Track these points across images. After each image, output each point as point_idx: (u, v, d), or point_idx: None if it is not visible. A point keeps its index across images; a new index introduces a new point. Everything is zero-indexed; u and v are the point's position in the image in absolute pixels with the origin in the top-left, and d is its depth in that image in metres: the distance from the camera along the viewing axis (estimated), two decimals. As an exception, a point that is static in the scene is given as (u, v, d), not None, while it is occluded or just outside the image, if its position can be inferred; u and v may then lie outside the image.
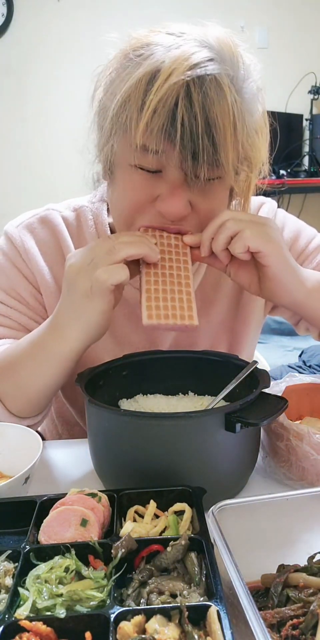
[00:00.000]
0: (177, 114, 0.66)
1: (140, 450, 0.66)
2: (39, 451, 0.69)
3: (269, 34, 4.03)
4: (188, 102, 0.66)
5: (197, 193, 0.75)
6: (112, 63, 0.76)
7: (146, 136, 0.69)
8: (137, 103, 0.68)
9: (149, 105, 0.67)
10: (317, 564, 0.53)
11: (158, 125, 0.67)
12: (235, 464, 0.69)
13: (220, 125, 0.68)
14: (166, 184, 0.74)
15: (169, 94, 0.66)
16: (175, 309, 0.72)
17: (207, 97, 0.67)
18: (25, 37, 3.63)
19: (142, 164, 0.73)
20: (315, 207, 4.14)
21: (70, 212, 0.95)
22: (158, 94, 0.66)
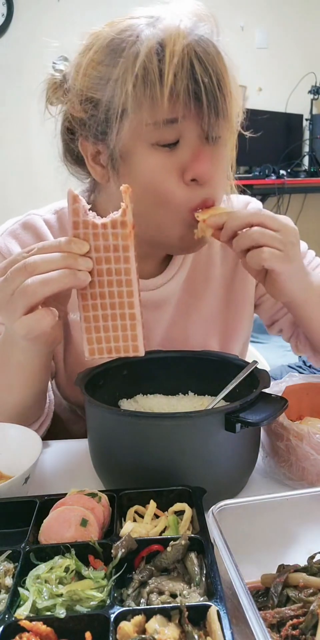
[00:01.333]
0: (195, 73, 0.69)
1: (140, 450, 0.66)
2: (39, 451, 0.69)
3: (269, 34, 4.03)
4: (200, 62, 0.70)
5: (212, 154, 0.76)
6: (89, 59, 0.75)
7: (173, 103, 0.70)
8: (156, 73, 0.69)
9: (169, 72, 0.68)
10: (317, 564, 0.53)
11: (183, 88, 0.69)
12: (235, 464, 0.69)
13: (225, 78, 0.72)
14: (187, 151, 0.74)
15: (183, 57, 0.69)
16: (118, 339, 0.66)
17: (209, 55, 0.71)
18: (25, 37, 3.63)
19: (162, 138, 0.73)
20: (315, 207, 4.14)
21: (52, 215, 0.94)
22: (173, 59, 0.68)
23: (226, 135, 0.78)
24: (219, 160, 0.78)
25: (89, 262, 0.63)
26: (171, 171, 0.75)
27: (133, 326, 0.65)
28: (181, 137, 0.74)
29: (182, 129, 0.73)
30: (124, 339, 0.66)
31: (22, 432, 0.74)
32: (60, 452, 0.86)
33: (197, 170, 0.74)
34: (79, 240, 0.63)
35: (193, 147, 0.75)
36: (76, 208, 0.63)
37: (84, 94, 0.76)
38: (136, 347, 0.66)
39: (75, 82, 0.77)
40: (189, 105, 0.71)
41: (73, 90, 0.78)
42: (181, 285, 0.97)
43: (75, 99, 0.78)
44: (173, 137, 0.74)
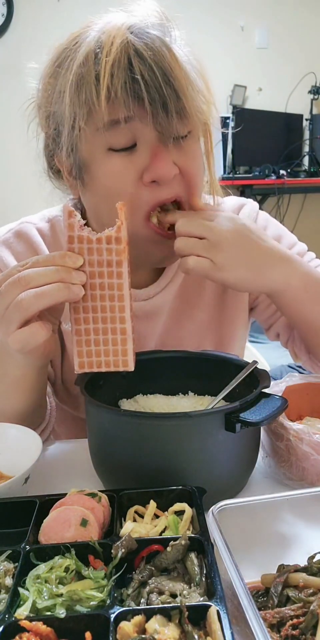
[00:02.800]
0: (134, 69, 0.67)
1: (140, 450, 0.66)
2: (39, 451, 0.69)
3: (269, 34, 4.03)
4: (140, 58, 0.67)
5: (175, 153, 0.74)
6: (45, 74, 0.76)
7: (112, 104, 0.68)
8: (91, 76, 0.68)
9: (105, 72, 0.66)
10: (317, 564, 0.53)
11: (120, 85, 0.67)
12: (235, 464, 0.69)
13: (176, 74, 0.69)
14: (145, 153, 0.73)
15: (120, 56, 0.67)
16: (109, 354, 0.66)
17: (154, 51, 0.68)
18: (25, 37, 3.63)
19: (116, 142, 0.72)
20: (315, 207, 4.14)
21: (45, 224, 0.94)
22: (109, 59, 0.66)
23: (195, 132, 0.76)
24: (188, 157, 0.76)
25: (83, 276, 0.64)
26: (129, 174, 0.73)
27: (124, 341, 0.66)
28: (137, 140, 0.72)
29: (134, 131, 0.71)
30: (114, 353, 0.66)
31: (22, 432, 0.74)
32: (60, 452, 0.86)
33: (155, 172, 0.72)
34: (73, 254, 0.64)
35: (151, 148, 0.73)
36: (71, 223, 0.63)
37: (45, 110, 0.76)
38: (126, 362, 0.66)
39: (42, 100, 0.77)
40: (130, 105, 0.68)
41: (41, 106, 0.78)
42: (174, 294, 0.95)
43: (42, 115, 0.78)
44: (126, 140, 0.72)
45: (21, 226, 0.93)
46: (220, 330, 1.00)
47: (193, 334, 0.98)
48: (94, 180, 0.76)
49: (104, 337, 0.66)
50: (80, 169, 0.76)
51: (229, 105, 3.89)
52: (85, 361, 0.66)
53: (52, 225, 0.94)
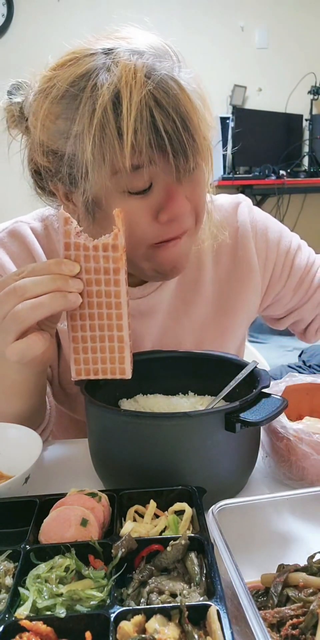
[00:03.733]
0: (157, 122, 0.66)
1: (140, 450, 0.66)
2: (39, 451, 0.69)
3: (269, 34, 4.03)
4: (161, 109, 0.67)
5: (187, 188, 0.75)
6: (48, 108, 0.72)
7: (135, 157, 0.68)
8: (114, 132, 0.66)
9: (128, 128, 0.66)
10: (317, 563, 0.53)
11: (145, 142, 0.67)
12: (235, 463, 0.69)
13: (191, 116, 0.69)
14: (161, 193, 0.73)
15: (141, 109, 0.66)
16: (106, 361, 0.66)
17: (171, 97, 0.67)
18: (25, 38, 3.63)
19: (134, 186, 0.71)
20: (315, 207, 4.14)
21: (38, 223, 0.93)
22: (132, 113, 0.65)
23: (201, 163, 0.76)
24: (197, 187, 0.77)
25: (80, 284, 0.63)
26: (145, 214, 0.73)
27: (121, 348, 0.65)
28: (153, 181, 0.72)
29: (152, 174, 0.71)
30: (111, 360, 0.66)
31: (22, 432, 0.74)
32: (60, 452, 0.86)
33: (172, 211, 0.73)
34: (69, 262, 0.63)
35: (166, 187, 0.73)
36: (68, 230, 0.63)
37: (46, 146, 0.73)
38: (123, 369, 0.66)
39: (35, 132, 0.74)
40: (155, 157, 0.68)
41: (34, 138, 0.75)
42: (171, 292, 0.95)
43: (37, 148, 0.74)
44: (142, 184, 0.72)
45: (15, 225, 0.92)
46: (219, 326, 1.00)
47: (191, 331, 0.98)
48: (106, 219, 0.74)
49: (102, 344, 0.65)
50: (91, 205, 0.74)
51: (229, 106, 3.89)
52: (82, 368, 0.66)
53: (46, 225, 0.93)
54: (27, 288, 0.63)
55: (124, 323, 0.65)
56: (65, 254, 0.63)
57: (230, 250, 0.98)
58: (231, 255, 0.98)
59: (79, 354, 0.66)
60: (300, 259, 1.02)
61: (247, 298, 1.00)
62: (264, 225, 1.01)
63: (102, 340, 0.65)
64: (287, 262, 1.01)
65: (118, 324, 0.65)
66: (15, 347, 0.64)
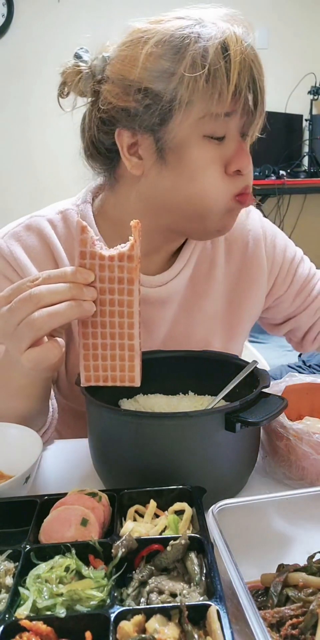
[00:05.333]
0: (254, 73, 0.75)
1: (140, 450, 0.66)
2: (39, 451, 0.69)
3: (269, 34, 4.02)
4: (257, 63, 0.76)
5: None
6: (146, 53, 0.76)
7: (234, 98, 0.75)
8: (223, 70, 0.73)
9: (234, 70, 0.73)
10: (316, 563, 0.54)
11: (245, 85, 0.75)
12: (235, 463, 0.69)
13: (263, 80, 0.78)
14: (231, 145, 0.80)
15: (245, 58, 0.74)
16: (115, 369, 0.66)
17: (257, 58, 0.77)
18: (25, 38, 3.63)
19: (215, 131, 0.78)
20: (315, 207, 4.14)
21: (56, 215, 0.93)
22: (236, 59, 0.73)
23: (253, 134, 0.83)
24: (249, 155, 0.83)
25: (94, 293, 0.63)
26: (218, 163, 0.79)
27: (131, 357, 0.66)
28: (227, 133, 0.79)
29: (230, 125, 0.78)
30: (121, 368, 0.66)
31: (22, 432, 0.75)
32: (60, 452, 0.86)
33: (240, 164, 0.80)
34: (84, 270, 0.63)
35: (235, 141, 0.80)
36: (84, 238, 0.63)
37: (142, 85, 0.76)
38: (133, 377, 0.66)
39: (124, 73, 0.78)
40: (247, 102, 0.77)
41: (117, 80, 0.79)
42: (185, 283, 0.97)
43: (119, 90, 0.78)
44: (223, 132, 0.78)
45: (31, 220, 0.93)
46: (229, 321, 1.02)
47: (202, 323, 0.99)
48: (183, 163, 0.79)
49: (112, 352, 0.66)
50: (166, 150, 0.79)
51: (229, 106, 3.89)
52: (91, 375, 0.66)
53: (64, 217, 0.93)
54: (43, 296, 0.63)
55: (135, 332, 0.65)
56: (80, 262, 0.63)
57: (241, 249, 1.02)
58: (242, 253, 1.02)
59: (89, 360, 0.66)
60: (302, 269, 1.07)
61: (255, 296, 1.04)
62: (272, 232, 1.07)
63: (112, 348, 0.65)
64: (291, 269, 1.06)
65: (129, 333, 0.65)
66: (31, 355, 0.64)
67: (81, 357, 0.66)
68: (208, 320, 1.00)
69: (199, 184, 0.79)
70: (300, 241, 1.11)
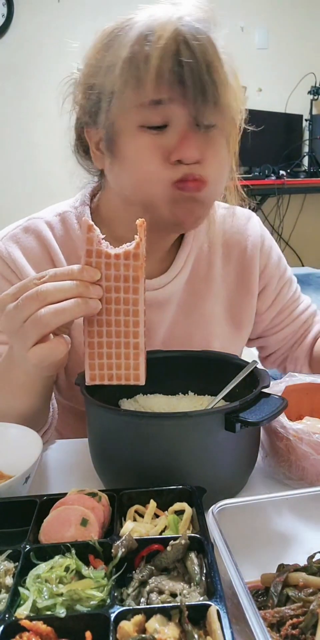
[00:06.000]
0: (181, 55, 0.71)
1: (140, 450, 0.66)
2: (39, 450, 0.69)
3: (269, 34, 4.03)
4: (187, 47, 0.71)
5: (203, 141, 0.78)
6: (91, 51, 0.80)
7: (157, 85, 0.73)
8: (142, 55, 0.72)
9: (154, 53, 0.71)
10: (316, 563, 0.54)
11: (167, 69, 0.71)
12: (235, 463, 0.69)
13: (215, 66, 0.73)
14: (175, 135, 0.76)
15: (169, 41, 0.71)
16: (121, 367, 0.66)
17: (200, 41, 0.72)
18: (25, 38, 3.63)
19: (149, 120, 0.76)
20: (315, 207, 4.14)
21: (54, 217, 0.94)
22: (160, 42, 0.71)
23: (222, 125, 0.79)
24: (212, 148, 0.79)
25: (100, 291, 0.64)
26: (156, 152, 0.77)
27: (136, 355, 0.66)
28: (170, 121, 0.76)
29: (169, 113, 0.75)
30: (126, 367, 0.66)
31: (22, 432, 0.75)
32: (60, 452, 0.86)
33: (181, 154, 0.76)
34: (91, 268, 0.64)
35: (181, 131, 0.76)
36: (90, 237, 0.63)
37: (85, 82, 0.80)
38: (137, 375, 0.66)
39: (82, 74, 0.81)
40: (174, 88, 0.73)
41: (80, 81, 0.82)
42: (183, 285, 0.98)
43: (80, 88, 0.82)
44: (159, 120, 0.76)
45: (29, 222, 0.93)
46: (228, 323, 1.03)
47: (201, 325, 1.00)
48: (122, 154, 0.80)
49: (117, 350, 0.65)
50: (111, 142, 0.80)
51: (229, 106, 3.89)
52: (96, 374, 0.66)
53: (62, 219, 0.94)
54: (49, 293, 0.63)
55: (141, 330, 0.65)
56: (87, 260, 0.64)
57: (240, 253, 1.03)
58: (241, 257, 1.03)
59: (94, 359, 0.66)
60: (287, 290, 1.08)
61: (251, 302, 1.04)
62: (270, 243, 1.07)
63: (117, 347, 0.65)
64: (277, 286, 1.07)
65: (134, 331, 0.65)
66: (37, 351, 0.64)
67: (86, 355, 0.66)
68: (207, 322, 1.00)
69: (137, 173, 0.79)
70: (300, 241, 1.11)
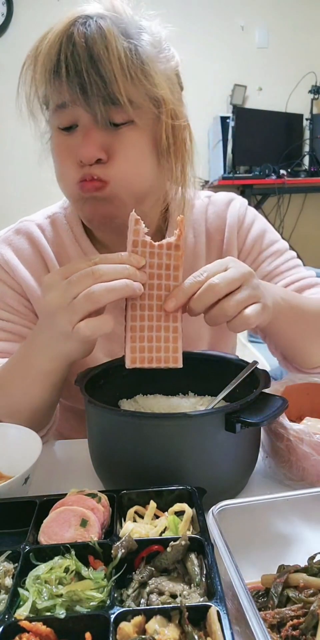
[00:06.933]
0: (61, 54, 0.72)
1: (140, 450, 0.66)
2: (39, 451, 0.69)
3: (269, 34, 4.03)
4: (70, 43, 0.72)
5: (109, 140, 0.78)
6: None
7: (51, 87, 0.75)
8: (32, 60, 0.76)
9: (39, 55, 0.74)
10: (317, 564, 0.53)
11: (47, 69, 0.73)
12: (235, 464, 0.69)
13: (105, 60, 0.71)
14: (80, 134, 0.78)
15: (54, 41, 0.73)
16: (160, 350, 0.69)
17: (88, 37, 0.71)
18: (25, 37, 3.63)
19: (60, 122, 0.79)
20: (315, 207, 4.14)
21: (45, 220, 0.97)
22: (47, 44, 0.73)
23: (139, 122, 0.78)
24: (121, 145, 0.78)
25: (144, 276, 0.68)
26: (66, 153, 0.80)
27: (175, 339, 0.70)
28: (77, 121, 0.78)
29: (75, 114, 0.77)
30: (165, 350, 0.69)
31: (22, 432, 0.74)
32: (60, 452, 0.86)
33: (79, 154, 0.78)
34: (137, 255, 0.68)
35: (83, 129, 0.78)
36: (137, 229, 0.68)
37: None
38: (176, 358, 0.70)
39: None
40: (62, 88, 0.74)
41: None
42: None
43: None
44: (66, 121, 0.78)
45: (20, 224, 0.97)
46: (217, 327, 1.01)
47: (191, 318, 0.98)
48: (53, 153, 0.84)
49: (157, 334, 0.69)
50: (45, 139, 0.85)
51: (229, 105, 3.89)
52: (137, 357, 0.69)
53: (52, 222, 0.97)
54: (104, 272, 0.66)
55: (179, 315, 0.70)
56: (133, 249, 0.68)
57: (219, 240, 1.01)
58: (220, 244, 1.01)
59: (136, 342, 0.69)
60: (271, 262, 1.01)
61: None
62: (251, 220, 1.03)
63: (158, 330, 0.69)
64: (257, 260, 1.02)
65: (173, 316, 0.70)
66: (90, 323, 0.66)
67: (128, 339, 0.69)
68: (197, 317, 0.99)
69: (57, 172, 0.83)
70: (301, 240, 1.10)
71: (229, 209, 1.02)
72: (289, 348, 0.95)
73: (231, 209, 1.03)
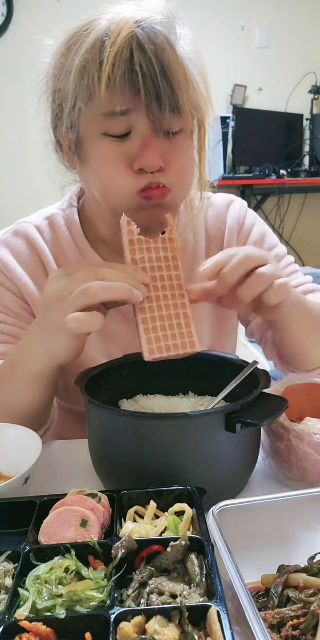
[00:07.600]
0: (134, 61, 0.70)
1: (140, 450, 0.66)
2: (39, 451, 0.69)
3: (269, 34, 4.02)
4: (141, 50, 0.70)
5: (166, 148, 0.78)
6: (56, 52, 0.79)
7: (111, 92, 0.72)
8: (95, 63, 0.72)
9: (107, 60, 0.70)
10: (317, 564, 0.53)
11: (120, 75, 0.70)
12: (235, 464, 0.69)
13: (174, 69, 0.72)
14: (137, 141, 0.76)
15: (123, 47, 0.70)
16: (175, 337, 0.70)
17: (156, 45, 0.71)
18: (25, 37, 3.63)
19: (111, 129, 0.76)
20: (315, 207, 4.14)
21: (42, 221, 0.97)
22: (113, 49, 0.70)
23: (187, 128, 0.79)
24: (176, 153, 0.79)
25: (146, 291, 0.70)
26: (119, 160, 0.77)
27: (187, 324, 0.72)
28: (132, 128, 0.76)
29: (131, 121, 0.75)
30: (180, 336, 0.71)
31: (22, 432, 0.74)
32: (60, 452, 0.86)
33: (141, 162, 0.76)
34: (143, 273, 0.70)
35: (143, 138, 0.76)
36: (131, 229, 0.72)
37: (51, 85, 0.81)
38: (192, 342, 0.71)
39: (49, 76, 0.82)
40: (127, 93, 0.72)
41: (47, 82, 0.83)
42: None
43: (49, 91, 0.83)
44: (121, 129, 0.76)
45: (18, 226, 0.96)
46: (216, 318, 1.02)
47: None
48: (88, 159, 0.81)
49: (169, 322, 0.71)
50: (78, 145, 0.81)
51: (229, 105, 3.89)
52: (154, 347, 0.69)
53: (50, 223, 0.97)
54: (106, 272, 0.68)
55: (186, 301, 0.73)
56: (130, 248, 0.71)
57: (219, 242, 1.02)
58: (219, 248, 1.01)
59: (150, 333, 0.69)
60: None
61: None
62: (251, 223, 1.05)
63: (169, 319, 0.71)
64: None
65: (181, 303, 0.72)
66: (76, 317, 0.66)
67: (141, 332, 0.69)
68: (196, 315, 0.99)
69: (100, 180, 0.80)
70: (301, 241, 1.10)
71: (229, 211, 1.03)
72: (292, 347, 0.95)
73: (231, 211, 1.03)
